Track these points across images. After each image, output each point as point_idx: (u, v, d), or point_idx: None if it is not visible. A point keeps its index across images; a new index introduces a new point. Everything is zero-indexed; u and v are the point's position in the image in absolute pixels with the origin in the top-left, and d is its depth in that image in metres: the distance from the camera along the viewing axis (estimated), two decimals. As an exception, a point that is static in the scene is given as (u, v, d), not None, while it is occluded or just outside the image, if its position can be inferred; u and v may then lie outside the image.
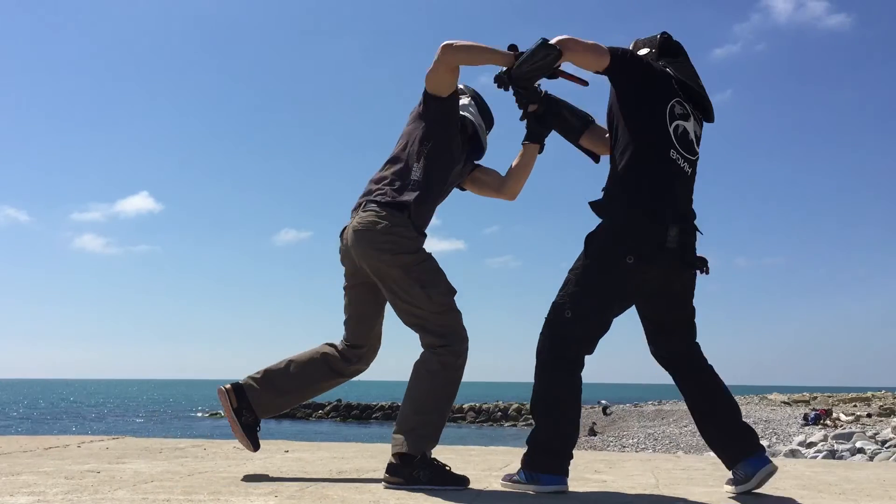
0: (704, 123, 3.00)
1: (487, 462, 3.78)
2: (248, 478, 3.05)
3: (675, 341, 2.97)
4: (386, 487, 2.84)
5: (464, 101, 3.26)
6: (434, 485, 2.83)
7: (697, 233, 2.87)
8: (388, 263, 2.97)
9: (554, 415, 2.82)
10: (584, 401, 3.01)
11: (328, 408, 53.20)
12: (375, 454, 3.98)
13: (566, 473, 2.82)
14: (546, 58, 2.80)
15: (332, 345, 3.27)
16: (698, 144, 2.92)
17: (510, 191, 3.32)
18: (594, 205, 2.87)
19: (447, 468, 2.92)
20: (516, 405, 49.58)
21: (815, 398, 42.52)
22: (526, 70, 2.85)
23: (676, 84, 2.88)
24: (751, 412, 33.69)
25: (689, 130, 2.86)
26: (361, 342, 3.24)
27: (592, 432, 31.19)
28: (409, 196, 3.02)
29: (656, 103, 2.81)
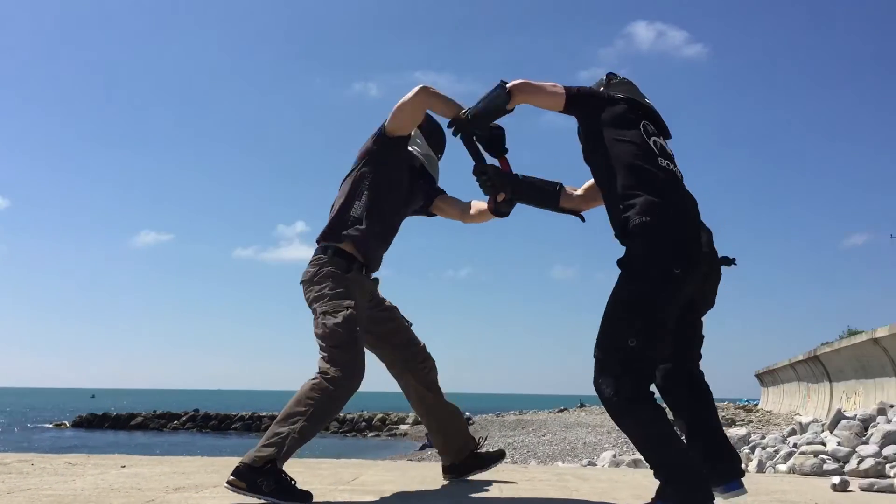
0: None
1: (337, 475, 3.71)
2: (74, 496, 2.85)
3: (691, 358, 2.91)
4: (227, 487, 2.81)
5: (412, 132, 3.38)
6: (275, 497, 2.79)
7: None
8: (307, 292, 3.20)
9: (675, 450, 2.61)
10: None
11: (184, 418, 51.13)
12: (220, 469, 3.82)
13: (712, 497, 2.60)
14: (497, 99, 2.89)
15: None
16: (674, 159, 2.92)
17: (471, 222, 3.51)
18: (622, 236, 2.77)
19: (293, 483, 2.87)
20: (380, 415, 49.40)
21: (665, 408, 44.67)
22: (482, 108, 2.93)
23: (638, 108, 2.90)
24: (605, 422, 34.96)
25: (665, 145, 2.89)
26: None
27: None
28: (345, 234, 3.19)
29: (629, 123, 2.82)
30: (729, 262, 2.88)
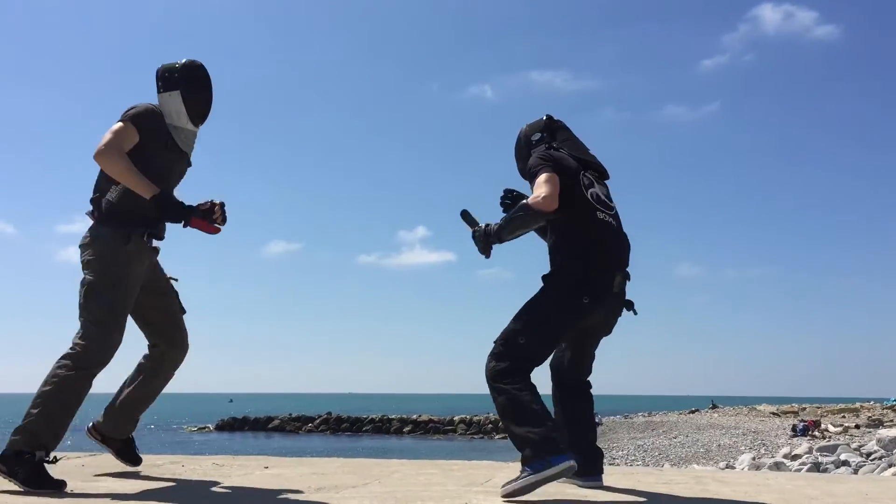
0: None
1: (469, 477, 3.73)
2: (219, 495, 3.01)
3: (583, 371, 3.52)
4: None
5: (165, 98, 3.30)
6: (27, 486, 2.92)
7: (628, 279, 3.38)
8: (82, 256, 3.20)
9: (531, 412, 3.05)
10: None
11: (318, 421, 53.03)
12: (356, 469, 3.94)
13: (569, 453, 2.99)
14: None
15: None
16: (611, 200, 3.46)
17: None
18: (551, 273, 3.33)
19: (45, 471, 2.96)
20: (506, 417, 49.42)
21: (804, 409, 42.65)
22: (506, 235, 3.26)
23: (577, 162, 3.40)
24: (740, 423, 33.73)
25: (600, 193, 3.40)
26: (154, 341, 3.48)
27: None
28: (110, 210, 3.20)
29: (574, 184, 3.31)
30: (630, 306, 3.39)
